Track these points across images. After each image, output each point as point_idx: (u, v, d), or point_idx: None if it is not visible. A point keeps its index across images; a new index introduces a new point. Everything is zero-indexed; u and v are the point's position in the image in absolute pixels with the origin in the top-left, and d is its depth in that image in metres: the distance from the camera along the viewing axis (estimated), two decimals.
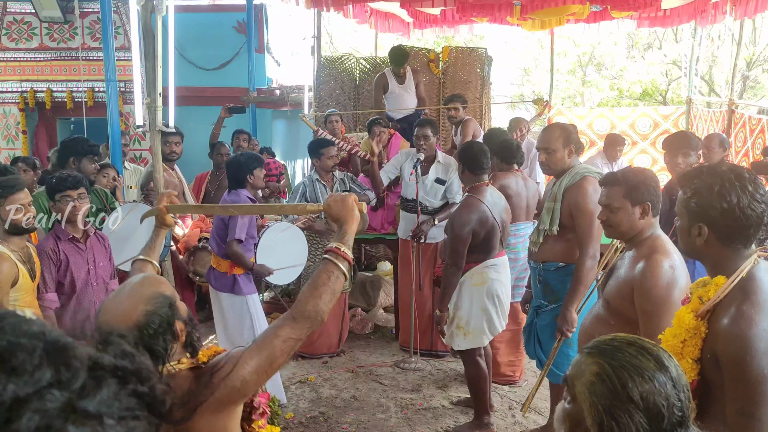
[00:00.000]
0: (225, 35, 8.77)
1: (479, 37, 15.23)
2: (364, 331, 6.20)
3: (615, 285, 2.50)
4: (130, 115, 7.59)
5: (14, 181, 3.06)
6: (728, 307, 1.68)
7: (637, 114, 8.73)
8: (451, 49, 8.13)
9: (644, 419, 1.22)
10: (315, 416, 4.41)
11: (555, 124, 3.82)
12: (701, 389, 1.72)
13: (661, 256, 2.34)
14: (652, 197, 2.49)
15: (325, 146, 5.37)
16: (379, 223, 6.20)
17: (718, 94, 15.09)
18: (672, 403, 1.24)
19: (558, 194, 3.52)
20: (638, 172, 2.60)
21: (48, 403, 0.53)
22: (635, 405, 1.23)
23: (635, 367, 1.25)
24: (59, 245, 3.41)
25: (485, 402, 4.18)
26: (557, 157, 3.52)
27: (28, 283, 3.07)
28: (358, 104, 8.03)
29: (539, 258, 3.65)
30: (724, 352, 1.64)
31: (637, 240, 2.50)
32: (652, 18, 7.66)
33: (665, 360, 1.28)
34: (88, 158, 4.50)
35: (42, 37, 7.87)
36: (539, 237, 3.63)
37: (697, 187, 1.78)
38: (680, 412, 1.25)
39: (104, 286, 3.63)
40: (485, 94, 7.98)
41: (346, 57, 8.31)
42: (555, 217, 3.52)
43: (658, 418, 1.23)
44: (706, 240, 1.77)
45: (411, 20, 8.10)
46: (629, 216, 2.50)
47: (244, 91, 8.35)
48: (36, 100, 7.87)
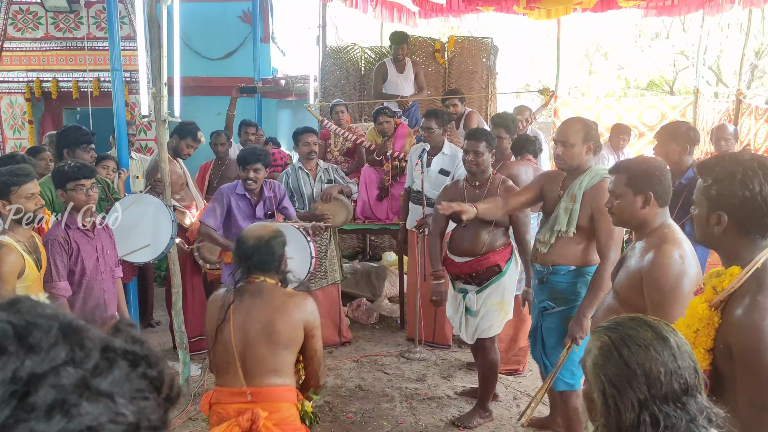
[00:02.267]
0: (230, 25, 8.76)
1: (485, 27, 15.15)
2: (369, 321, 6.22)
3: (625, 276, 2.47)
4: (135, 105, 7.59)
5: (26, 171, 3.05)
6: (743, 297, 1.66)
7: (645, 105, 8.66)
8: (457, 39, 8.10)
9: (643, 386, 1.28)
10: (320, 405, 4.43)
11: (576, 118, 3.59)
12: (713, 380, 1.71)
13: (670, 246, 2.31)
14: (655, 187, 2.44)
15: (301, 133, 5.39)
16: (384, 214, 6.20)
17: (726, 84, 14.98)
18: (671, 370, 1.28)
19: (578, 194, 3.32)
20: (642, 162, 2.56)
21: (63, 380, 0.56)
22: (632, 372, 1.29)
23: (633, 338, 1.33)
24: (69, 234, 3.41)
25: (494, 390, 4.23)
26: (574, 152, 3.32)
27: (35, 273, 3.08)
28: (363, 94, 8.02)
29: (548, 260, 3.43)
30: (738, 342, 1.63)
31: (646, 230, 2.47)
32: (659, 7, 7.61)
33: (665, 332, 1.34)
34: (81, 148, 4.45)
35: (48, 26, 7.87)
36: (551, 237, 3.40)
37: (718, 174, 1.74)
38: (681, 380, 1.28)
39: (111, 273, 3.65)
40: (491, 84, 7.96)
41: (352, 47, 8.29)
42: (573, 218, 3.32)
43: (656, 385, 1.27)
44: (725, 229, 1.74)
45: (417, 9, 8.07)
46: (630, 204, 2.47)
47: (250, 81, 8.34)
48: (42, 89, 7.88)
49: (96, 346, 0.60)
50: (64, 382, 0.56)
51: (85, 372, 0.57)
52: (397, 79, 7.10)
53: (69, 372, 0.56)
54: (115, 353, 0.61)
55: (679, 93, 15.00)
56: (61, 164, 3.54)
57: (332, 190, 5.29)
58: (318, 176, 5.41)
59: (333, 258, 5.49)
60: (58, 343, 0.58)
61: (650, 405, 1.27)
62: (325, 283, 5.43)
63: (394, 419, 4.24)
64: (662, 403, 1.27)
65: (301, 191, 5.37)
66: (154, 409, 0.61)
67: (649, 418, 1.26)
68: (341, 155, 6.69)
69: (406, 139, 6.27)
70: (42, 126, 8.17)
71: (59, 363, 0.57)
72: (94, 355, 0.59)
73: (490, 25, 15.10)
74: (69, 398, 0.55)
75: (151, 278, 6.09)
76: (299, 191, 5.37)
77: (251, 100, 8.37)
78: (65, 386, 0.56)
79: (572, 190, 3.35)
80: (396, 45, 6.98)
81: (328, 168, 5.51)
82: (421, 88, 7.22)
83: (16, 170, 3.01)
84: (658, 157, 2.64)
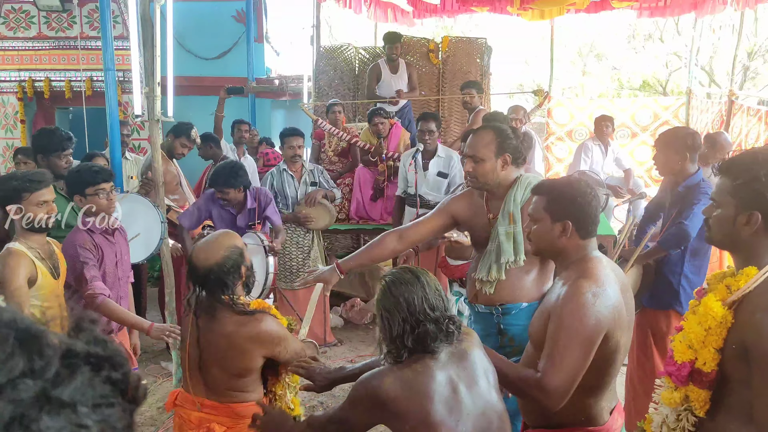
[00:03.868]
0: (224, 24, 8.74)
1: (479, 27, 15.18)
2: (363, 320, 6.22)
3: (537, 316, 2.16)
4: (128, 105, 7.57)
5: (41, 177, 2.88)
6: (759, 298, 1.63)
7: (638, 105, 8.71)
8: (451, 39, 8.11)
9: (404, 307, 1.88)
10: (314, 405, 4.43)
11: (487, 128, 2.94)
12: (717, 381, 1.69)
13: (585, 282, 1.99)
14: (577, 215, 2.08)
15: (287, 135, 5.37)
16: (379, 214, 6.21)
17: (718, 84, 15.05)
18: (421, 296, 1.88)
19: (516, 213, 2.75)
20: (566, 185, 2.20)
21: (22, 393, 0.52)
22: (397, 300, 1.89)
23: (398, 279, 1.93)
24: (94, 238, 3.24)
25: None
26: (486, 168, 2.78)
27: (50, 281, 2.90)
28: (357, 94, 8.02)
29: (496, 300, 2.78)
30: (756, 344, 1.59)
31: (565, 262, 2.15)
32: (652, 8, 7.65)
33: (418, 272, 1.95)
34: (55, 155, 4.08)
35: (40, 26, 7.84)
36: (500, 272, 2.75)
37: (752, 172, 1.67)
38: (428, 302, 1.89)
39: (127, 279, 3.50)
40: (485, 84, 7.97)
41: (346, 47, 8.29)
42: (519, 243, 2.72)
43: (412, 306, 1.87)
44: (756, 229, 1.68)
45: (411, 10, 8.08)
46: (548, 232, 2.13)
47: (243, 81, 8.33)
48: (34, 89, 7.84)
49: (56, 353, 0.56)
50: (23, 396, 0.52)
51: (45, 383, 0.54)
52: (391, 79, 7.13)
53: (27, 384, 0.53)
54: (76, 358, 0.57)
55: (672, 93, 15.07)
56: (76, 168, 3.40)
57: (317, 194, 5.27)
58: (303, 178, 5.40)
59: (317, 259, 5.48)
60: (15, 354, 0.54)
61: (409, 320, 1.86)
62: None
63: None
64: (416, 317, 1.86)
65: (285, 193, 5.36)
66: (119, 417, 0.57)
67: (410, 328, 1.86)
68: (335, 155, 6.69)
69: (400, 138, 6.29)
70: (34, 126, 8.12)
71: (17, 375, 0.53)
72: (55, 363, 0.55)
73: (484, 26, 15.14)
74: (28, 413, 0.51)
75: (144, 278, 6.07)
76: (283, 193, 5.36)
77: (245, 100, 8.36)
78: (24, 400, 0.52)
79: (507, 209, 2.78)
80: (389, 45, 7.01)
81: (313, 170, 5.49)
82: (413, 89, 7.26)
83: (30, 175, 2.86)
84: (582, 180, 2.26)
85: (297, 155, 5.32)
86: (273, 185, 5.34)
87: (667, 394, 1.78)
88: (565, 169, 7.96)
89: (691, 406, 1.75)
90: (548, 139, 8.65)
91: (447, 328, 1.90)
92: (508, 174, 2.81)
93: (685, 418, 1.76)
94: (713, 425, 1.73)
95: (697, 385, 1.71)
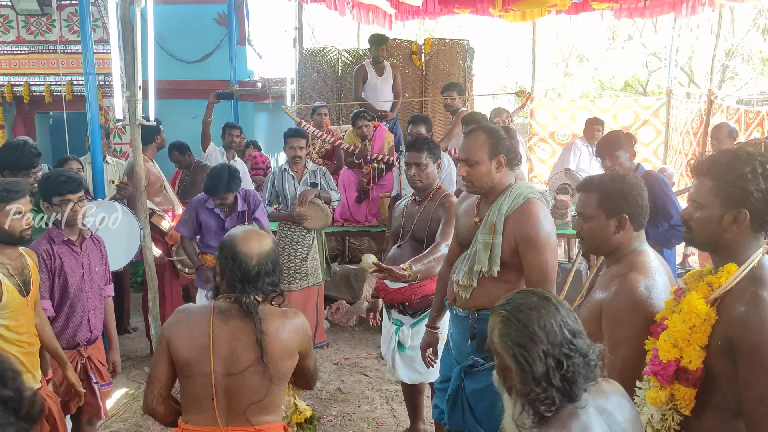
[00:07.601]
0: (206, 27, 8.69)
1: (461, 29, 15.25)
2: (348, 323, 6.20)
3: (587, 308, 2.15)
4: (109, 109, 7.49)
5: (18, 186, 2.75)
6: (741, 294, 1.65)
7: (619, 106, 8.80)
8: (434, 41, 8.13)
9: (543, 338, 1.50)
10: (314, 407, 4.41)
11: (480, 129, 2.81)
12: (702, 379, 1.70)
13: (637, 275, 2.01)
14: (632, 209, 2.11)
15: (289, 136, 5.38)
16: (363, 216, 6.20)
17: (697, 84, 15.24)
18: (559, 321, 1.53)
19: (498, 224, 2.65)
20: (618, 179, 2.18)
21: None
22: (531, 331, 1.51)
23: (523, 304, 1.56)
24: (53, 248, 3.16)
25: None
26: (481, 171, 2.69)
27: (18, 299, 2.69)
28: (340, 96, 8.03)
29: (471, 305, 2.75)
30: (743, 338, 1.61)
31: (616, 256, 2.15)
32: (632, 9, 7.73)
33: (545, 293, 1.60)
34: (22, 174, 3.75)
35: (19, 30, 7.73)
36: (472, 280, 2.72)
37: (740, 171, 1.66)
38: (568, 327, 1.53)
39: (99, 291, 3.36)
40: (468, 85, 8.01)
41: (329, 49, 8.29)
42: (495, 254, 2.65)
43: (552, 335, 1.51)
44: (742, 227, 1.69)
45: (393, 12, 8.09)
46: (603, 229, 2.13)
47: (226, 84, 8.29)
48: (13, 94, 7.72)
49: None
50: None
51: None
52: (377, 81, 7.15)
53: None
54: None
55: (652, 94, 15.23)
56: (48, 175, 3.31)
57: (308, 194, 5.27)
58: (303, 179, 5.41)
59: (315, 260, 5.46)
60: None
61: (552, 352, 1.50)
62: (306, 284, 5.40)
63: (375, 421, 4.24)
64: (560, 348, 1.50)
65: (285, 193, 5.38)
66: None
67: (555, 363, 1.49)
68: (320, 157, 6.68)
69: (384, 140, 6.29)
70: (14, 131, 8.02)
71: None
72: None
73: (467, 27, 15.20)
74: None
75: (127, 284, 6.01)
76: (283, 192, 5.39)
77: (228, 103, 8.32)
78: None
79: (490, 219, 2.69)
80: (375, 47, 7.03)
81: (315, 171, 5.49)
82: (397, 94, 7.29)
83: (6, 185, 2.72)
84: (629, 174, 2.26)
85: (298, 156, 5.34)
86: (274, 185, 5.37)
87: (653, 394, 1.79)
88: (549, 170, 8.01)
89: (676, 405, 1.75)
90: (531, 140, 8.71)
91: (595, 363, 1.55)
92: (503, 177, 2.72)
93: (670, 417, 1.76)
94: (698, 423, 1.74)
95: (683, 383, 1.71)
